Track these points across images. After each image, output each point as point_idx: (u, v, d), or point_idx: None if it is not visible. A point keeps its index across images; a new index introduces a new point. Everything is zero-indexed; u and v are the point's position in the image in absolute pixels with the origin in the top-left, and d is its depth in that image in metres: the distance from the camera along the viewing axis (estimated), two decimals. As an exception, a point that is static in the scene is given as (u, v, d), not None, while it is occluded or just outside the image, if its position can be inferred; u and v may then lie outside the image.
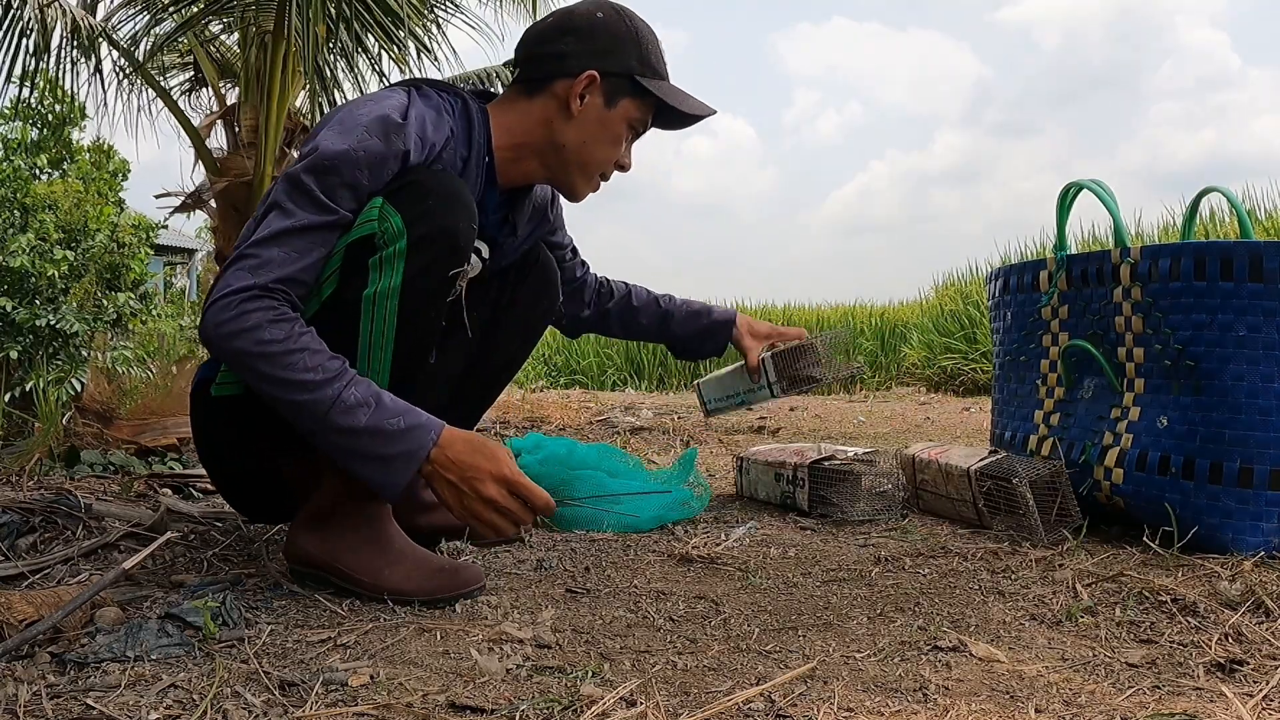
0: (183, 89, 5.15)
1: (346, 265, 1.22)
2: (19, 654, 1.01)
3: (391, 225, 1.21)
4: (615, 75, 1.38)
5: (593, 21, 1.38)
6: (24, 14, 3.74)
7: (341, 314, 1.22)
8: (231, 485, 1.41)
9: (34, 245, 5.78)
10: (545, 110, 1.38)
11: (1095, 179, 1.74)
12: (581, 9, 1.40)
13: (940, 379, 8.36)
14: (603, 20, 1.39)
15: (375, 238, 1.21)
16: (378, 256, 1.21)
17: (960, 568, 1.47)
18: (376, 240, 1.21)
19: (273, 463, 1.34)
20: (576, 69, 1.36)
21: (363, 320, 1.22)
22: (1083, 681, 0.99)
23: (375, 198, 1.22)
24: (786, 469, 1.93)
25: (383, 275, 1.21)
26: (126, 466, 2.19)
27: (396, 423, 1.16)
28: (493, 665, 1.02)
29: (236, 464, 1.36)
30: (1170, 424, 1.55)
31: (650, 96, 1.40)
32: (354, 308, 1.22)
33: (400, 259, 1.21)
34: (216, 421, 1.33)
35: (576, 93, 1.36)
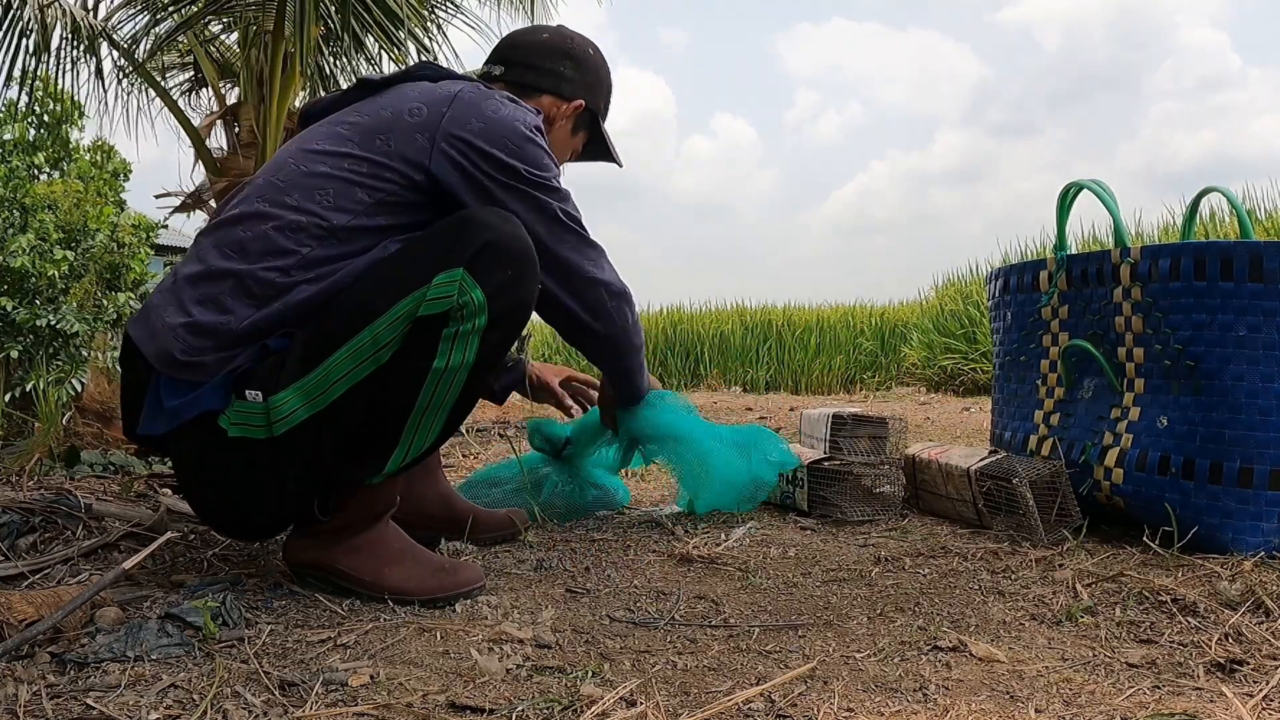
0: (183, 89, 5.15)
1: (414, 332, 1.17)
2: (19, 654, 1.01)
3: (473, 300, 1.17)
4: (589, 110, 1.57)
5: (587, 56, 1.56)
6: (24, 14, 3.74)
7: (399, 379, 1.18)
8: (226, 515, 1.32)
9: (34, 245, 5.78)
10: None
11: (1095, 179, 1.74)
12: (579, 40, 1.57)
13: (940, 379, 8.36)
14: (594, 59, 1.57)
15: (452, 311, 1.17)
16: (454, 330, 1.17)
17: (960, 568, 1.47)
18: (453, 313, 1.17)
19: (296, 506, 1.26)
20: (569, 94, 1.53)
21: (425, 389, 1.19)
22: (1083, 681, 0.99)
23: (455, 267, 1.17)
24: (786, 469, 1.93)
25: (455, 350, 1.18)
26: (126, 466, 2.19)
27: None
28: (493, 665, 1.02)
29: (249, 503, 1.26)
30: (1170, 424, 1.55)
31: (595, 132, 1.61)
32: (416, 376, 1.18)
33: (477, 336, 1.19)
34: (228, 461, 1.22)
35: (564, 114, 1.53)
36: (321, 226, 1.23)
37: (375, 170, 1.27)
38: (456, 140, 1.28)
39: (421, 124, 1.29)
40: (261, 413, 1.18)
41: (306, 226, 1.23)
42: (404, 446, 1.23)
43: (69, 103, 6.87)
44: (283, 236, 1.23)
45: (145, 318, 1.25)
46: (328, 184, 1.25)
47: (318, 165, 1.27)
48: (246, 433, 1.19)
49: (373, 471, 1.24)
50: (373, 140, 1.28)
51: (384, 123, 1.29)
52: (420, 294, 1.16)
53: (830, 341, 11.16)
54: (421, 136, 1.28)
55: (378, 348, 1.17)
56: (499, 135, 1.30)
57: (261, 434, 1.19)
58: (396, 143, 1.28)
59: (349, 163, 1.27)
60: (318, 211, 1.24)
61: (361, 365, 1.17)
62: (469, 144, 1.28)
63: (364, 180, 1.26)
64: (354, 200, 1.25)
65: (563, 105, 1.53)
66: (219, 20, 4.57)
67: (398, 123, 1.29)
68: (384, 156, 1.27)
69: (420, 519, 1.57)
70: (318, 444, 1.19)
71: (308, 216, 1.23)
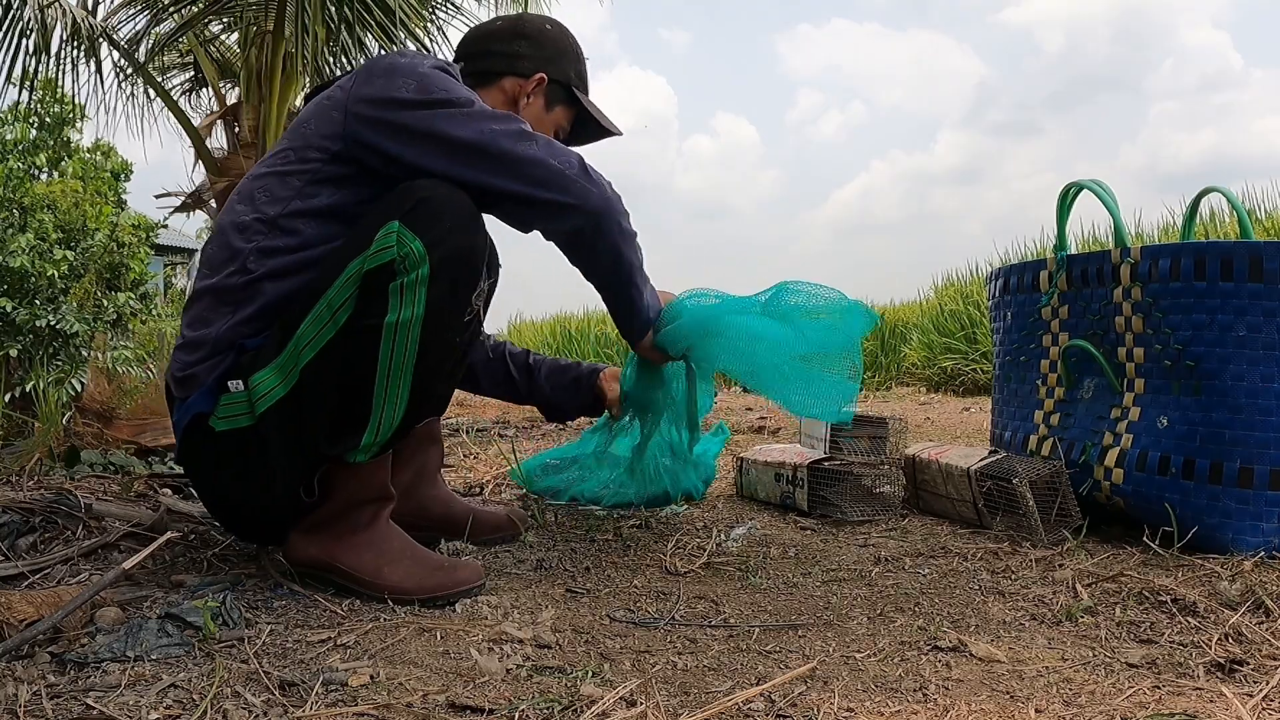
0: (183, 89, 5.15)
1: (364, 289, 1.20)
2: (19, 654, 1.01)
3: (412, 251, 1.18)
4: (557, 83, 1.53)
5: (543, 31, 1.54)
6: (24, 14, 3.74)
7: (359, 341, 1.20)
8: (235, 514, 1.37)
9: (34, 245, 5.78)
10: (491, 104, 1.44)
11: (1096, 179, 1.74)
12: (532, 18, 1.56)
13: (940, 379, 8.36)
14: (551, 32, 1.54)
15: (395, 263, 1.18)
16: (398, 283, 1.19)
17: (960, 568, 1.47)
18: (396, 266, 1.18)
19: (284, 491, 1.28)
20: (528, 70, 1.50)
21: (383, 347, 1.20)
22: (1083, 681, 0.99)
23: (391, 220, 1.19)
24: (786, 469, 1.93)
25: (404, 303, 1.19)
26: (126, 466, 2.19)
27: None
28: (493, 665, 1.02)
29: (244, 495, 1.31)
30: (1170, 424, 1.55)
31: (578, 106, 1.55)
32: (373, 335, 1.20)
33: (422, 286, 1.19)
34: (226, 457, 1.27)
35: (526, 91, 1.50)
36: (261, 220, 1.28)
37: (300, 155, 1.30)
38: (360, 100, 1.29)
39: (335, 102, 1.31)
40: (244, 400, 1.24)
41: (250, 225, 1.29)
42: (376, 415, 1.23)
43: (69, 103, 6.87)
44: (235, 240, 1.29)
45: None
46: (264, 182, 1.31)
47: (258, 170, 1.34)
48: (233, 424, 1.25)
49: (351, 446, 1.24)
50: (298, 131, 1.33)
51: (308, 114, 1.34)
52: (365, 253, 1.20)
53: (830, 341, 11.12)
54: (336, 112, 1.30)
55: (333, 311, 1.21)
56: (400, 76, 1.29)
57: (246, 421, 1.24)
58: (316, 124, 1.31)
59: (278, 158, 1.32)
60: (257, 208, 1.29)
61: (322, 331, 1.21)
62: (372, 97, 1.28)
63: (291, 168, 1.30)
64: (287, 188, 1.29)
65: (523, 83, 1.51)
66: (219, 20, 4.57)
67: (318, 110, 1.33)
68: (303, 141, 1.31)
69: (422, 519, 1.57)
70: (296, 419, 1.23)
71: (250, 215, 1.29)
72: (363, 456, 1.26)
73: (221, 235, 1.31)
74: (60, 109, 6.96)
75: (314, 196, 1.29)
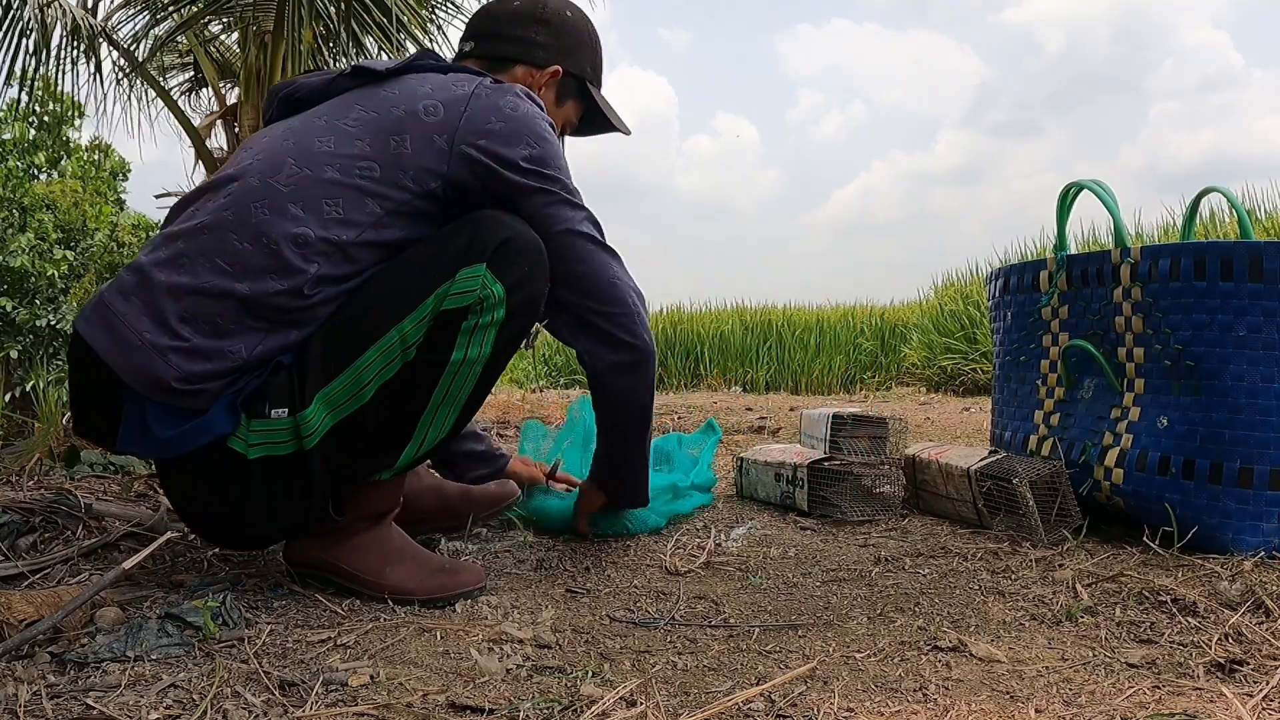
0: (183, 89, 5.15)
1: (435, 327, 1.16)
2: (19, 654, 1.01)
3: (493, 294, 1.17)
4: (572, 76, 1.45)
5: (563, 19, 1.44)
6: (24, 14, 3.74)
7: (418, 372, 1.18)
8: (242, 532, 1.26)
9: (33, 245, 5.78)
10: None
11: (1096, 179, 1.74)
12: (553, 3, 1.45)
13: (940, 379, 8.36)
14: (571, 20, 1.45)
15: (473, 305, 1.17)
16: (473, 323, 1.17)
17: (960, 568, 1.47)
18: (473, 307, 1.17)
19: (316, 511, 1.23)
20: (544, 60, 1.42)
21: (442, 381, 1.19)
22: (1083, 681, 0.99)
23: (477, 263, 1.17)
24: (786, 469, 1.93)
25: (473, 343, 1.18)
26: (126, 466, 2.19)
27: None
28: (493, 665, 1.02)
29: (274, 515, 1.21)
30: (1170, 424, 1.55)
31: (589, 102, 1.48)
32: (434, 369, 1.18)
33: (495, 329, 1.19)
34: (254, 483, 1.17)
35: (539, 83, 1.42)
36: (330, 242, 1.16)
37: (389, 176, 1.19)
38: (477, 142, 1.22)
39: (439, 124, 1.21)
40: (288, 428, 1.14)
41: (314, 242, 1.15)
42: (417, 440, 1.23)
43: (69, 103, 6.87)
44: (290, 252, 1.14)
45: (106, 323, 1.13)
46: (336, 193, 1.17)
47: (324, 170, 1.18)
48: (270, 451, 1.15)
49: (385, 466, 1.24)
50: (385, 141, 1.20)
51: (397, 122, 1.21)
52: (444, 289, 1.16)
53: (830, 341, 11.16)
54: (440, 138, 1.21)
55: (405, 345, 1.16)
56: (519, 134, 1.24)
57: (288, 449, 1.15)
58: (413, 144, 1.20)
59: (360, 167, 1.18)
60: (327, 224, 1.16)
61: (391, 364, 1.16)
62: (489, 147, 1.22)
63: (376, 188, 1.18)
64: (365, 212, 1.18)
65: (536, 74, 1.42)
66: (219, 20, 4.57)
67: (412, 122, 1.21)
68: (398, 161, 1.19)
69: (417, 515, 1.57)
70: (342, 447, 1.18)
71: (316, 230, 1.16)
72: (388, 475, 1.26)
73: (264, 232, 1.15)
74: (59, 108, 6.96)
75: (389, 228, 1.20)
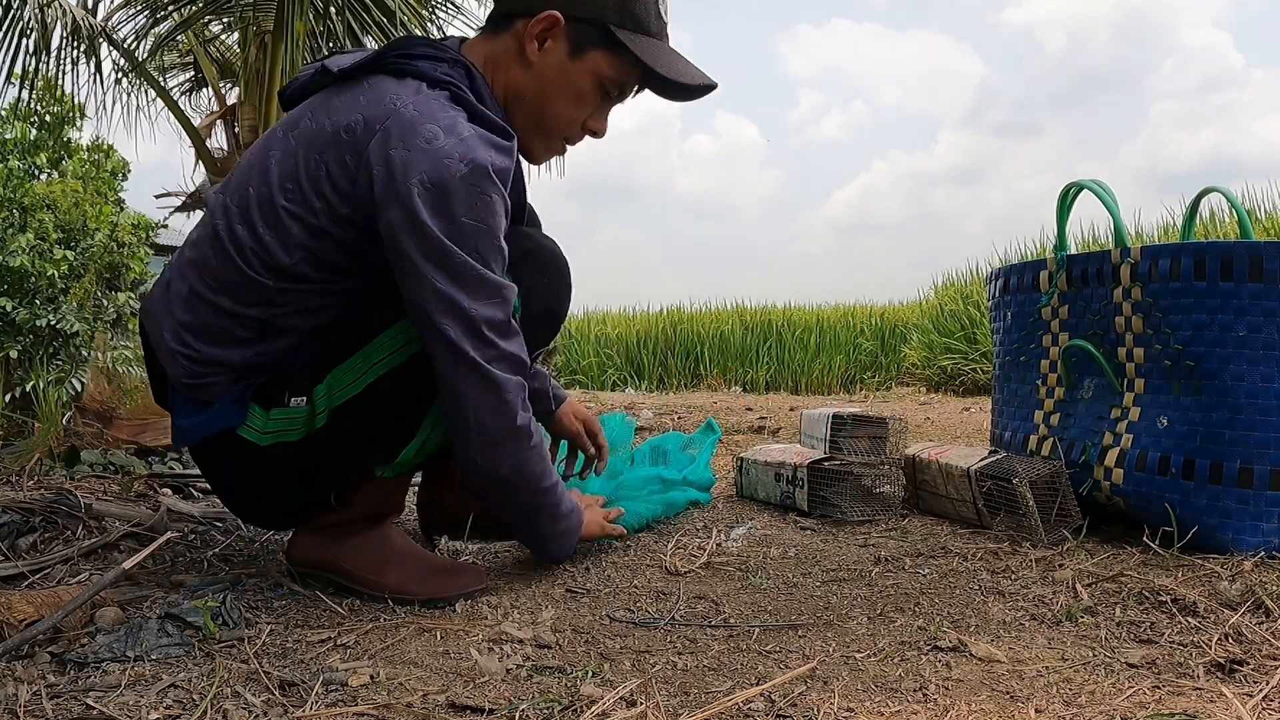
0: (183, 89, 5.16)
1: None
2: (19, 654, 1.01)
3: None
4: (583, 21, 1.19)
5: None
6: (24, 14, 3.74)
7: (424, 368, 1.16)
8: (265, 512, 1.33)
9: (34, 245, 5.78)
10: (505, 52, 1.23)
11: (1096, 179, 1.74)
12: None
13: (940, 379, 8.36)
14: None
15: None
16: None
17: (960, 568, 1.47)
18: None
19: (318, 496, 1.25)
20: (539, 6, 1.19)
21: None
22: (1083, 681, 0.99)
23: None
24: (786, 469, 1.93)
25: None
26: (126, 466, 2.19)
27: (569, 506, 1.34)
28: (493, 665, 1.02)
29: (285, 499, 1.26)
30: (1170, 424, 1.55)
31: (627, 53, 1.21)
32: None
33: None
34: (265, 469, 1.21)
35: (533, 34, 1.20)
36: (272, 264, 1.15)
37: (307, 199, 1.14)
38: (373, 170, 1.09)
39: (352, 145, 1.12)
40: (304, 415, 1.18)
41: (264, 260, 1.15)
42: (420, 439, 1.24)
43: (69, 103, 6.87)
44: (249, 269, 1.14)
45: (152, 316, 1.22)
46: (270, 214, 1.15)
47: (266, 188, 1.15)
48: (281, 438, 1.19)
49: (387, 459, 1.24)
50: (310, 160, 1.14)
51: (325, 140, 1.14)
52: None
53: (830, 341, 11.16)
54: (350, 160, 1.12)
55: (410, 338, 1.17)
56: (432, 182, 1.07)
57: (298, 435, 1.19)
58: (331, 166, 1.13)
59: (288, 188, 1.14)
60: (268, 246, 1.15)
61: (399, 350, 1.17)
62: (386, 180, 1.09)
63: (298, 210, 1.14)
64: (292, 235, 1.14)
65: (528, 23, 1.20)
66: (219, 20, 4.58)
67: (336, 140, 1.13)
68: (315, 183, 1.13)
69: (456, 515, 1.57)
70: (346, 428, 1.19)
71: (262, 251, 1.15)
72: (391, 472, 1.26)
73: (225, 253, 1.15)
74: (60, 108, 6.96)
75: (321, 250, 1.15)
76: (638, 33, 1.21)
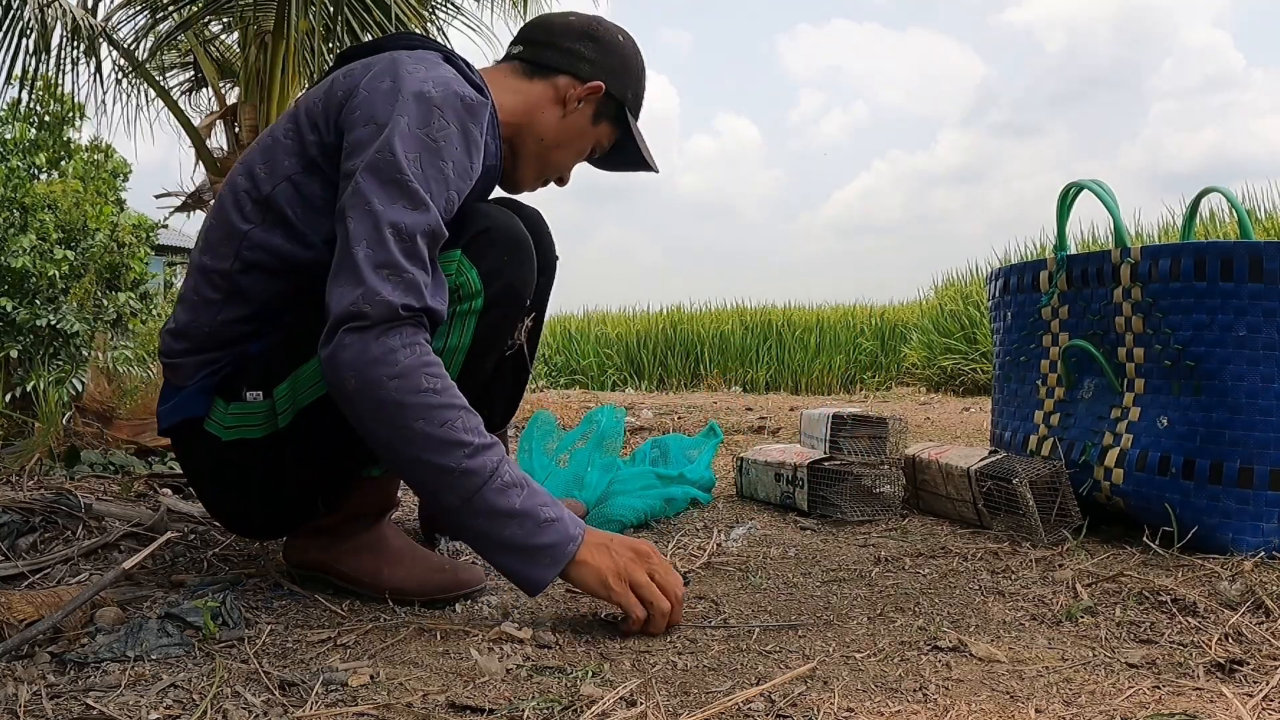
0: (183, 89, 5.16)
1: None
2: (19, 654, 1.01)
3: (469, 281, 1.18)
4: (612, 98, 1.41)
5: (615, 41, 1.43)
6: (24, 14, 3.74)
7: None
8: (245, 518, 1.33)
9: (34, 245, 5.78)
10: (541, 97, 1.37)
11: (1096, 179, 1.74)
12: (609, 25, 1.44)
13: (940, 379, 8.37)
14: (623, 44, 1.43)
15: (451, 293, 1.16)
16: (451, 310, 1.17)
17: (960, 568, 1.47)
18: (451, 294, 1.16)
19: (296, 502, 1.26)
20: (588, 74, 1.39)
21: None
22: (1083, 681, 0.99)
23: (453, 249, 1.17)
24: (786, 469, 1.93)
25: (453, 332, 1.18)
26: (126, 466, 2.19)
27: (548, 511, 1.09)
28: (493, 665, 1.02)
29: (263, 504, 1.27)
30: (1170, 424, 1.55)
31: (622, 131, 1.44)
32: None
33: (474, 317, 1.19)
34: (232, 466, 1.23)
35: (578, 95, 1.38)
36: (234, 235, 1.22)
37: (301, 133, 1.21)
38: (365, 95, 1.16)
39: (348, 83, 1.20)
40: (263, 411, 1.19)
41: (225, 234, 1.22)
42: None
43: (69, 103, 6.87)
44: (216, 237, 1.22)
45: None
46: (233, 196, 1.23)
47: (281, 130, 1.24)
48: (243, 434, 1.20)
49: (371, 459, 1.24)
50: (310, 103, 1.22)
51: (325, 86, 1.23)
52: None
53: (830, 341, 11.17)
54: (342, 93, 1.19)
55: None
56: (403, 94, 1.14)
57: (259, 433, 1.19)
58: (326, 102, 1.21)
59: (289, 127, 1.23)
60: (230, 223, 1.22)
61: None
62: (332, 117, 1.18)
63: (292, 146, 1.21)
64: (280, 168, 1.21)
65: (578, 86, 1.38)
66: (219, 20, 4.58)
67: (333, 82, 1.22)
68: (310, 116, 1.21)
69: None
70: (315, 435, 1.18)
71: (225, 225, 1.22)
72: (379, 470, 1.26)
73: (219, 206, 1.24)
74: (60, 108, 6.96)
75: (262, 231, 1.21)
76: (635, 117, 1.46)
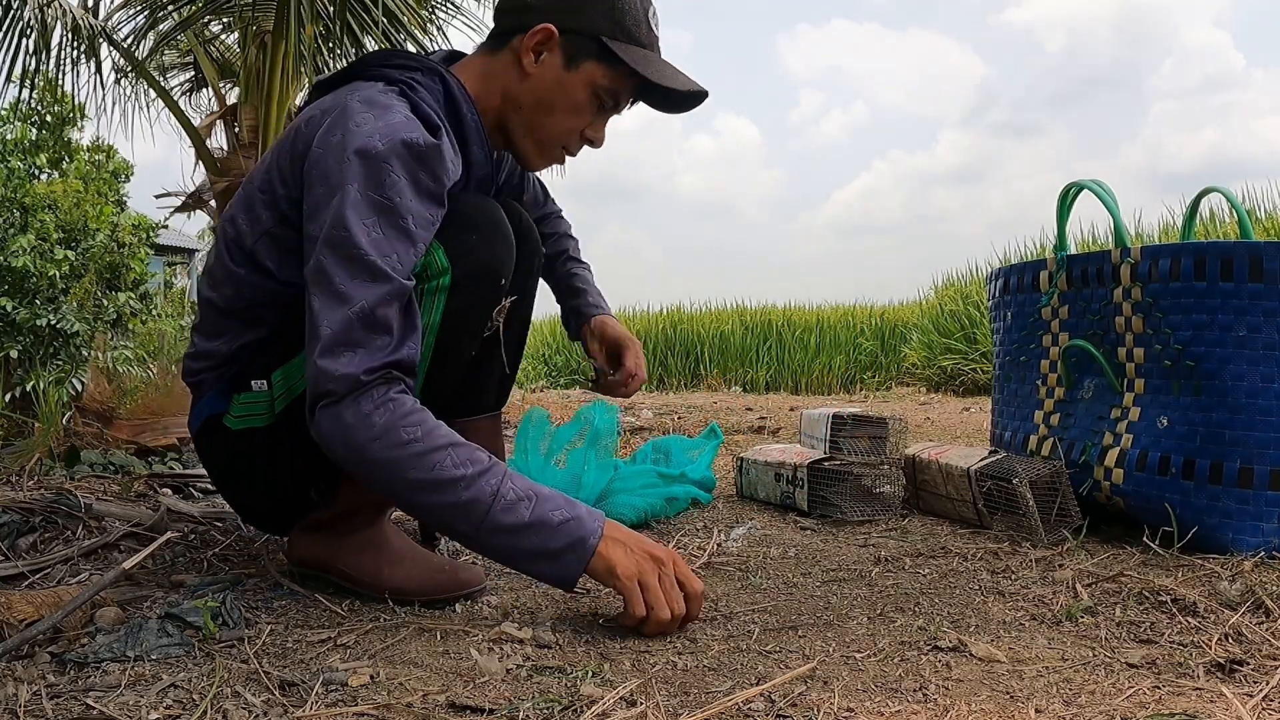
0: (183, 89, 5.15)
1: None
2: (19, 654, 1.01)
3: (435, 260, 1.17)
4: (578, 34, 1.23)
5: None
6: (24, 14, 3.74)
7: None
8: (255, 509, 1.36)
9: (34, 245, 5.78)
10: (504, 68, 1.27)
11: (1096, 179, 1.74)
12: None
13: (940, 379, 8.37)
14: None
15: (420, 272, 1.16)
16: (419, 289, 1.16)
17: (960, 568, 1.47)
18: (420, 273, 1.16)
19: (293, 488, 1.27)
20: (533, 21, 1.23)
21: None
22: (1083, 681, 0.99)
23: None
24: (786, 469, 1.93)
25: (422, 310, 1.17)
26: (126, 466, 2.19)
27: (560, 514, 1.11)
28: (493, 665, 1.02)
29: (266, 492, 1.30)
30: (1170, 424, 1.55)
31: (622, 64, 1.24)
32: None
33: (442, 295, 1.18)
34: (241, 456, 1.26)
35: (529, 47, 1.24)
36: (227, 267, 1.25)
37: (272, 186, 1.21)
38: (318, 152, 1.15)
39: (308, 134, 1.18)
40: (265, 399, 1.22)
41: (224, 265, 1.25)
42: None
43: (70, 103, 6.87)
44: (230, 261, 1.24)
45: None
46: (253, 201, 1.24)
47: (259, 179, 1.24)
48: (249, 423, 1.24)
49: None
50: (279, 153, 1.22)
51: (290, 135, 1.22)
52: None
53: (830, 341, 11.17)
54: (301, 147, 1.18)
55: None
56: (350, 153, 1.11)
57: (263, 422, 1.23)
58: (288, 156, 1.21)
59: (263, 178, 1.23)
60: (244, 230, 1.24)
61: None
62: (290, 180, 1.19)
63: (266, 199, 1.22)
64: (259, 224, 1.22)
65: (524, 38, 1.24)
66: (219, 20, 4.58)
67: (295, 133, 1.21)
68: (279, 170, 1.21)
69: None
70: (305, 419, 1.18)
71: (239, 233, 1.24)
72: None
73: (217, 248, 1.28)
74: (60, 109, 6.96)
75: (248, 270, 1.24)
76: (629, 44, 1.25)
